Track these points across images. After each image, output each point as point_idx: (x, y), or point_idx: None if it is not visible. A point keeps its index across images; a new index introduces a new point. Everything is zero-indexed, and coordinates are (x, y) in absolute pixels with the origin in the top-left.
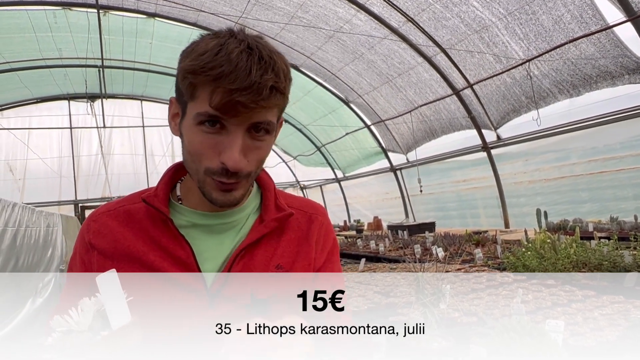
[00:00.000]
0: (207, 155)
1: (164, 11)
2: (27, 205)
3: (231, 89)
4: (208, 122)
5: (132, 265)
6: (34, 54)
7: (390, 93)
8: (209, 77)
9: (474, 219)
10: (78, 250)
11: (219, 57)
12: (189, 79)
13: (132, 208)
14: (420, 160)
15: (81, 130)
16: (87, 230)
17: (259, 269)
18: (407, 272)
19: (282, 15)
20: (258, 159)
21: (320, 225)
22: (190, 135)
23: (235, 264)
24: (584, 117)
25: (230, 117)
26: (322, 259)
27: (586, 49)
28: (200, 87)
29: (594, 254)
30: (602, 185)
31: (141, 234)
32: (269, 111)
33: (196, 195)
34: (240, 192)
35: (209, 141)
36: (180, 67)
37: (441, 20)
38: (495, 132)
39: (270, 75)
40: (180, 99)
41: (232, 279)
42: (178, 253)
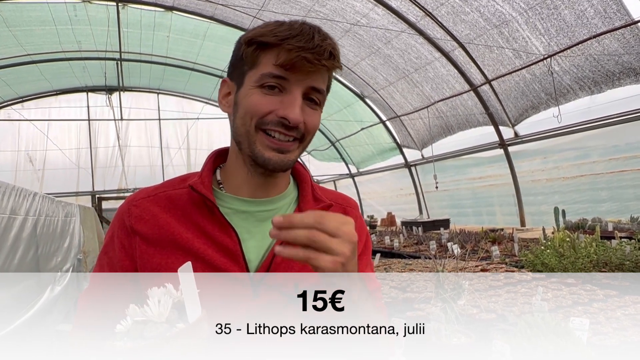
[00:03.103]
0: (264, 111)
1: (181, 4)
2: (47, 195)
3: (298, 46)
4: (269, 86)
5: (177, 253)
6: (54, 47)
7: (407, 88)
8: (277, 37)
9: (489, 216)
10: (117, 234)
11: (284, 26)
12: (255, 43)
13: (173, 194)
14: (436, 157)
15: (99, 123)
16: (128, 214)
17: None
18: (429, 270)
19: (299, 9)
20: (312, 125)
21: (356, 219)
22: (250, 97)
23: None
24: (605, 114)
25: (294, 72)
26: (358, 249)
27: (609, 44)
28: (264, 52)
29: (615, 254)
30: (622, 184)
31: (185, 221)
32: (324, 76)
33: (238, 178)
34: (293, 155)
35: (269, 101)
36: (244, 38)
37: (460, 15)
38: (513, 129)
39: (329, 41)
40: (237, 73)
41: (275, 267)
42: (225, 241)
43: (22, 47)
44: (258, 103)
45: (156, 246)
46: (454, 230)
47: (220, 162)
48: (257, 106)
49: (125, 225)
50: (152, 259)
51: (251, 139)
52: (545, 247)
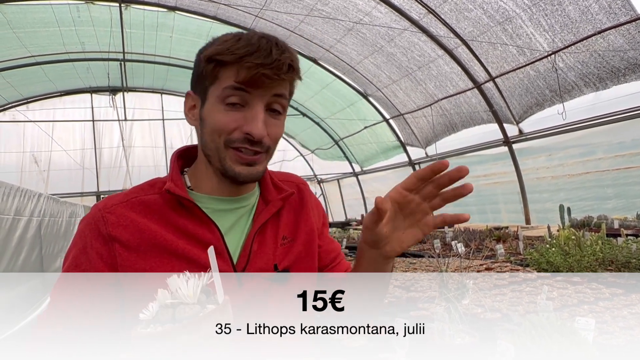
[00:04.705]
0: (229, 128)
1: (184, 4)
2: (51, 196)
3: (257, 63)
4: (231, 102)
5: (161, 256)
6: (58, 48)
7: (410, 86)
8: (235, 56)
9: (494, 214)
10: (91, 244)
11: (241, 42)
12: (214, 61)
13: (147, 199)
14: (440, 155)
15: (103, 123)
16: (103, 222)
17: (270, 244)
18: (433, 269)
19: (302, 8)
20: (275, 136)
21: (309, 194)
22: (213, 114)
23: (254, 243)
24: (610, 111)
25: (253, 88)
26: (320, 223)
27: (615, 40)
28: (224, 69)
29: (622, 252)
30: (628, 181)
31: (164, 223)
32: (285, 85)
33: (212, 181)
34: (261, 166)
35: (232, 117)
36: (203, 55)
37: (463, 12)
38: (517, 126)
39: (287, 54)
40: (200, 88)
41: (253, 256)
42: (207, 237)
43: (27, 49)
44: (223, 121)
45: (138, 251)
46: (458, 229)
47: (184, 163)
48: (223, 124)
49: (101, 233)
50: (135, 264)
51: (221, 155)
52: (551, 245)
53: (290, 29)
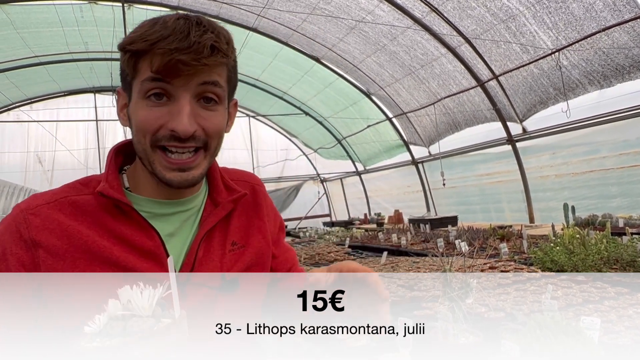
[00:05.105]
0: (154, 127)
1: (186, 4)
2: None
3: (170, 48)
4: (154, 95)
5: (93, 263)
6: (61, 48)
7: (413, 85)
8: (147, 42)
9: (497, 213)
10: (10, 250)
11: (156, 26)
12: (128, 52)
13: (79, 200)
14: (443, 153)
15: (107, 123)
16: (25, 225)
17: (218, 250)
18: (437, 269)
19: (304, 7)
20: (212, 129)
21: (264, 196)
22: (137, 111)
23: (199, 250)
24: (615, 108)
25: (172, 78)
26: (276, 229)
27: (619, 38)
28: (141, 59)
29: (627, 250)
30: (633, 179)
31: (98, 228)
32: (214, 70)
33: (151, 183)
34: (198, 170)
35: (156, 113)
36: (119, 45)
37: (466, 10)
38: (521, 124)
39: (209, 35)
40: (125, 83)
41: (198, 264)
42: (146, 244)
43: (30, 49)
44: (146, 118)
45: (66, 258)
46: (461, 228)
47: (122, 160)
48: (146, 122)
49: (22, 238)
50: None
51: (150, 158)
52: (555, 244)
53: (292, 28)
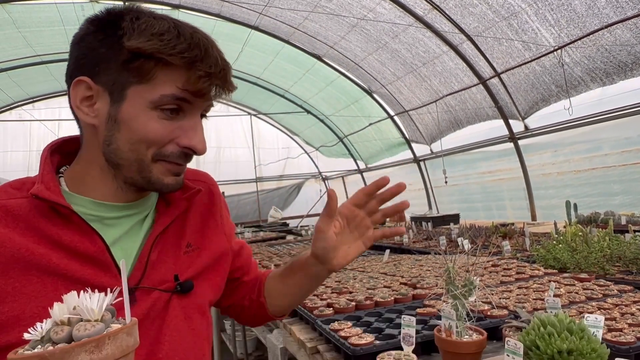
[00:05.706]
0: (164, 141)
1: (188, 2)
2: None
3: (209, 72)
4: (170, 110)
5: (28, 274)
6: (63, 47)
7: (415, 83)
8: (185, 60)
9: (499, 210)
10: None
11: (182, 40)
12: (152, 58)
13: (9, 204)
14: (445, 151)
15: None
16: None
17: (172, 252)
18: (439, 266)
19: (306, 5)
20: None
21: (219, 196)
22: (143, 121)
23: (151, 252)
24: (617, 106)
25: (198, 97)
26: (230, 231)
27: (622, 34)
28: (164, 71)
29: (629, 248)
30: (635, 177)
31: (33, 234)
32: None
33: (107, 187)
34: (183, 175)
35: (167, 127)
36: (132, 45)
37: (468, 7)
38: (523, 122)
39: (226, 60)
40: (112, 79)
41: (150, 268)
42: (88, 250)
43: (32, 48)
44: (159, 132)
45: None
46: (464, 226)
47: (61, 161)
48: (157, 136)
49: None
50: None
51: (145, 167)
52: (557, 242)
53: (294, 26)
